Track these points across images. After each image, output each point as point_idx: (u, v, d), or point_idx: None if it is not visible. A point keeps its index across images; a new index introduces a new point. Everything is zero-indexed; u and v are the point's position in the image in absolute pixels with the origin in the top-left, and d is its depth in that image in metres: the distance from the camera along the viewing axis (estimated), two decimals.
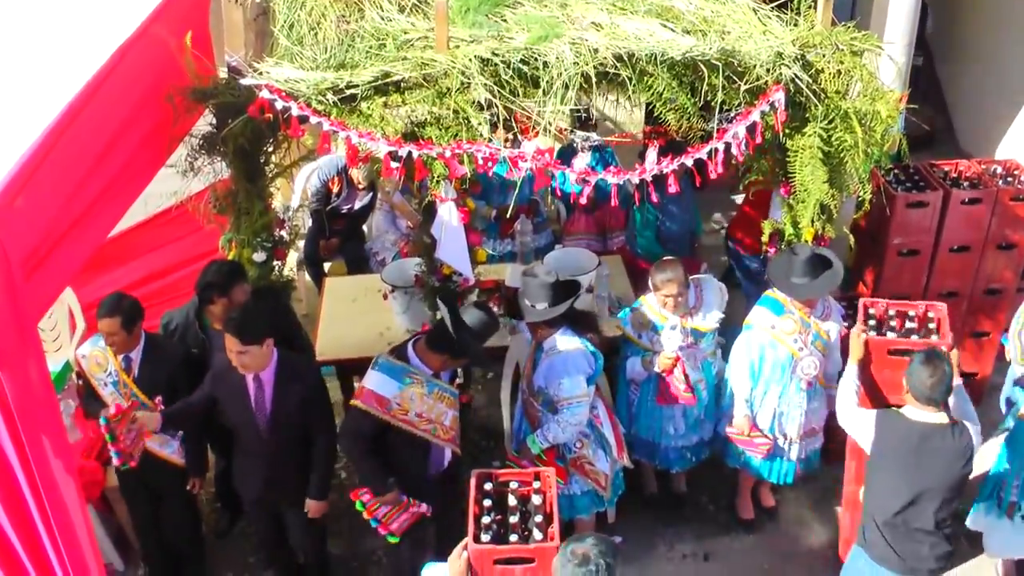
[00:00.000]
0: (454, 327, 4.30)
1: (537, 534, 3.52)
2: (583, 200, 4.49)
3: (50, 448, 3.21)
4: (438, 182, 4.44)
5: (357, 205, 6.90)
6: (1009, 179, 5.70)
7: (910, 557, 4.11)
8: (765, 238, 5.14)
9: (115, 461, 4.43)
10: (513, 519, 3.55)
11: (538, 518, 3.58)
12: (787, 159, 4.68)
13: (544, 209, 6.85)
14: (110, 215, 4.03)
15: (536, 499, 3.64)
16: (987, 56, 8.48)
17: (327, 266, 7.03)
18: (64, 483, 3.33)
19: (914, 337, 4.55)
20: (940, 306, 4.72)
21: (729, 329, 5.20)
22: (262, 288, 4.92)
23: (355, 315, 5.78)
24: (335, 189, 6.76)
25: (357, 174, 6.68)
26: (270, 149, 4.70)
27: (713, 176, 4.51)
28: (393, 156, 4.28)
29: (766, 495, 5.61)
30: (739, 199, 7.15)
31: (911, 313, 4.68)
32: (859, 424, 4.23)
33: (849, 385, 4.41)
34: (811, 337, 4.88)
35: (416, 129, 4.33)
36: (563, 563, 3.09)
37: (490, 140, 4.33)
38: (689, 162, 4.49)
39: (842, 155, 4.60)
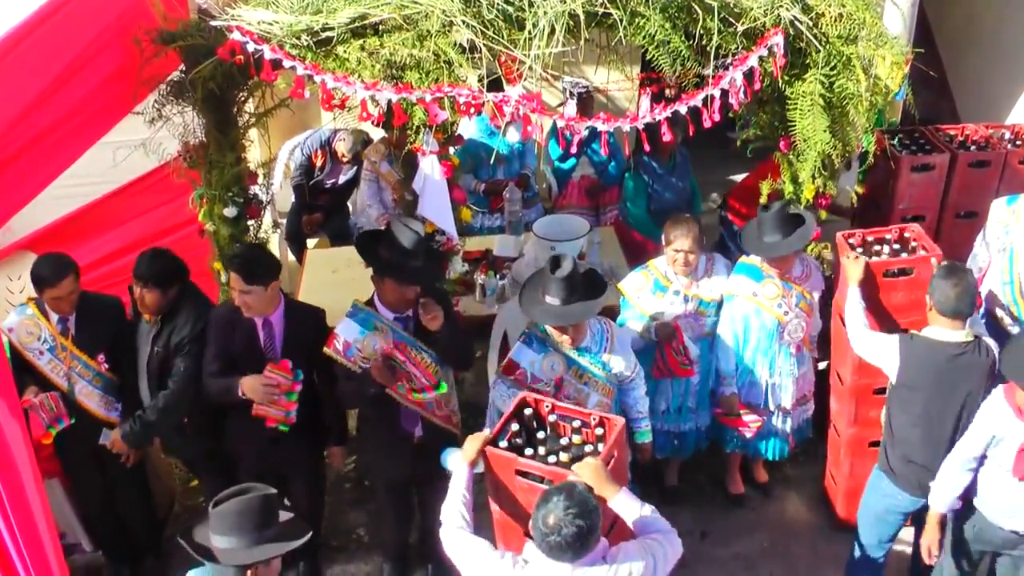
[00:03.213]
0: (384, 246, 4.06)
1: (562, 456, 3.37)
2: (573, 149, 4.26)
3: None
4: (418, 132, 4.23)
5: (341, 180, 6.69)
6: (1018, 142, 5.48)
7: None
8: (763, 199, 4.92)
9: (291, 420, 4.26)
10: (548, 447, 3.41)
11: (565, 455, 3.38)
12: (787, 108, 4.46)
13: (535, 184, 6.62)
14: (65, 153, 3.82)
15: (576, 438, 3.45)
16: (989, 37, 8.28)
17: (311, 243, 6.80)
18: (17, 449, 3.16)
19: (904, 255, 4.48)
20: (913, 226, 4.66)
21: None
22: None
23: (336, 286, 5.52)
24: (318, 163, 6.55)
25: (341, 147, 6.48)
26: (243, 97, 4.47)
27: (708, 124, 4.29)
28: (371, 101, 4.08)
29: (759, 471, 5.38)
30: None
31: (887, 236, 4.61)
32: (880, 350, 4.11)
33: (857, 311, 4.27)
34: (795, 299, 4.67)
35: (395, 73, 4.12)
36: (537, 536, 2.92)
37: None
38: (683, 109, 4.27)
39: (844, 104, 4.40)
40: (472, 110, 4.18)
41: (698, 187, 6.47)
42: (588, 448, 3.42)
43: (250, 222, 4.73)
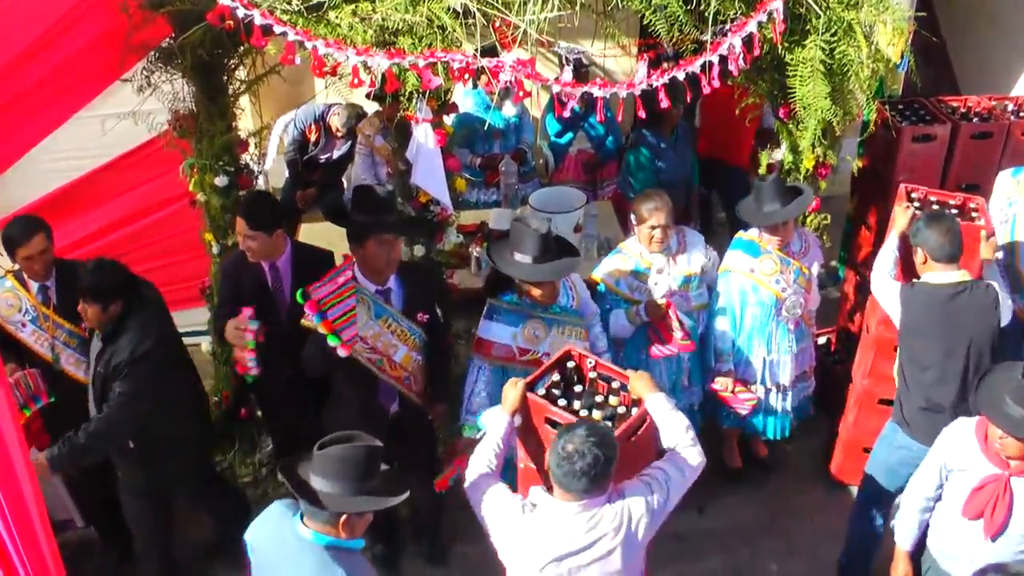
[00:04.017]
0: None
1: (595, 414, 3.33)
2: (566, 113, 4.17)
3: None
4: (411, 100, 4.15)
5: (335, 154, 6.60)
6: (1021, 114, 5.40)
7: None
8: (762, 170, 4.85)
9: (255, 370, 4.27)
10: (584, 402, 3.38)
11: (598, 413, 3.34)
12: (786, 76, 4.37)
13: (532, 159, 6.55)
14: (49, 116, 3.75)
15: (613, 399, 3.40)
16: (991, 12, 8.18)
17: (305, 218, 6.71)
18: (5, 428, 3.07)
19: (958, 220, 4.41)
20: (978, 199, 4.61)
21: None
22: None
23: None
24: (312, 137, 6.47)
25: (335, 121, 6.40)
26: (233, 64, 4.39)
27: (707, 91, 4.20)
28: (363, 67, 4.00)
29: (759, 446, 5.33)
30: None
31: (951, 202, 4.58)
32: (889, 296, 4.16)
33: (888, 255, 4.32)
34: (792, 275, 4.60)
35: (388, 38, 4.04)
36: (555, 462, 2.92)
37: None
38: (681, 75, 4.19)
39: (845, 70, 4.30)
40: (466, 76, 4.11)
41: (697, 164, 6.40)
42: (622, 410, 3.37)
43: (241, 192, 4.66)
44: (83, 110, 5.15)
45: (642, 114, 4.19)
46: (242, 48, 4.31)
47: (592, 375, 3.51)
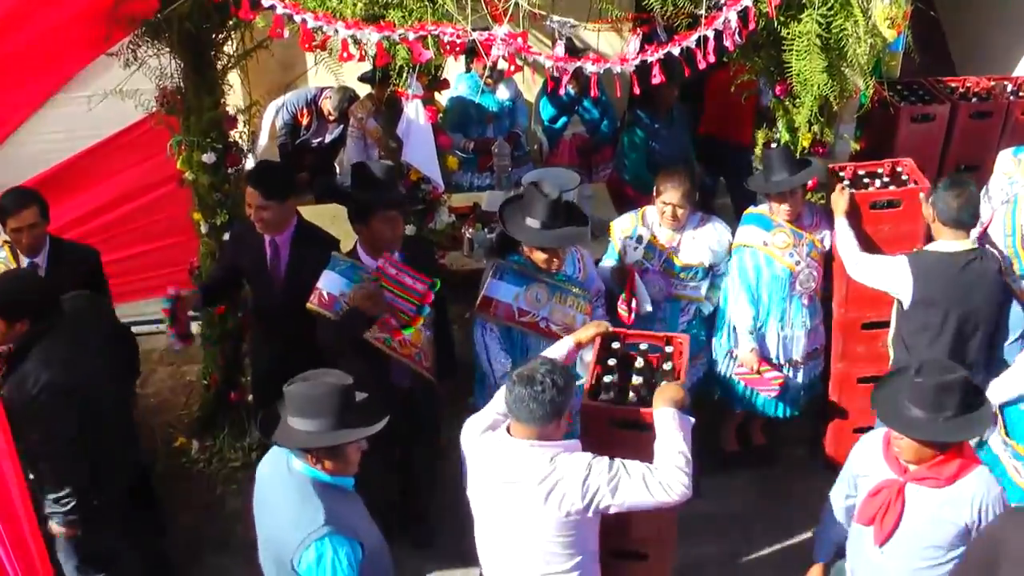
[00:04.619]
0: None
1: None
2: (561, 90, 4.12)
3: None
4: (401, 75, 4.09)
5: (327, 138, 6.58)
6: (1021, 94, 5.35)
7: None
8: (759, 149, 4.79)
9: (176, 345, 4.34)
10: (637, 380, 3.33)
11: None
12: (782, 51, 4.30)
13: (526, 143, 6.49)
14: (34, 86, 3.68)
15: (666, 366, 3.40)
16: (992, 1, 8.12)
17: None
18: None
19: (892, 188, 4.47)
20: (906, 160, 4.63)
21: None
22: None
23: None
24: (304, 122, 6.41)
25: (327, 105, 6.35)
26: (220, 37, 4.32)
27: (703, 66, 4.14)
28: (352, 41, 3.94)
29: (756, 432, 5.25)
30: None
31: (879, 171, 4.59)
32: (886, 272, 4.11)
33: (850, 240, 4.31)
34: (806, 248, 4.54)
35: (378, 11, 3.98)
36: (508, 388, 2.99)
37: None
38: (676, 51, 4.12)
39: (842, 45, 4.23)
40: (457, 50, 4.05)
41: (694, 145, 6.33)
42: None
43: (230, 170, 4.60)
44: (70, 91, 5.16)
45: (637, 91, 4.14)
46: (230, 22, 4.25)
47: (643, 346, 3.51)
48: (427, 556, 4.62)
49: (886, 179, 4.54)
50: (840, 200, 4.40)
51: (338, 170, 6.68)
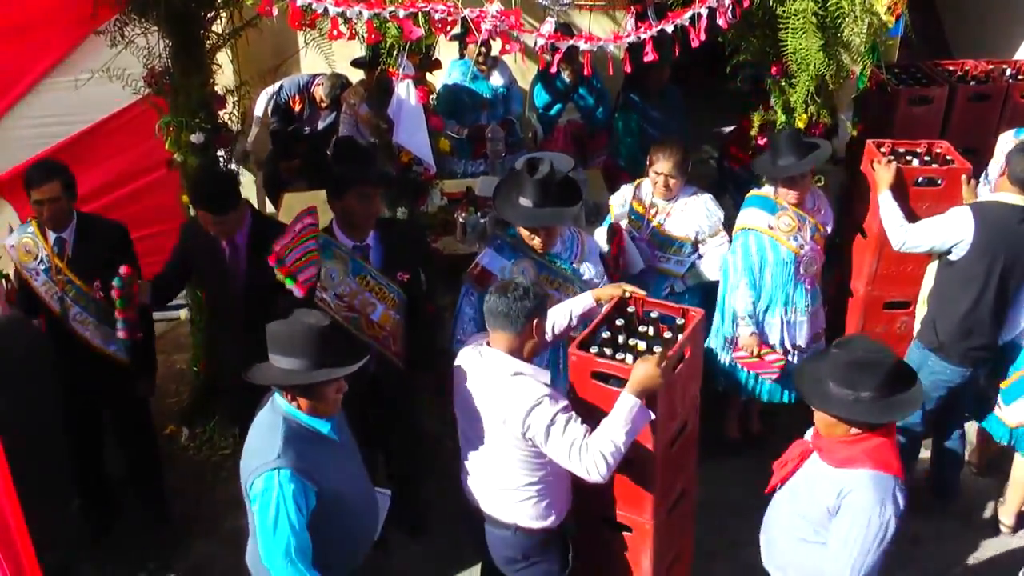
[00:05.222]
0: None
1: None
2: (552, 69, 4.06)
3: None
4: (391, 53, 4.04)
5: (320, 125, 6.49)
6: (1019, 76, 5.28)
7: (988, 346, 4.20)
8: (755, 131, 4.73)
9: (121, 334, 4.11)
10: (635, 343, 3.33)
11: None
12: (778, 27, 4.25)
13: (520, 131, 6.43)
14: (18, 68, 3.61)
15: (668, 335, 3.38)
16: None
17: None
18: None
19: (934, 166, 4.49)
20: (943, 142, 4.63)
21: None
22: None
23: None
24: (297, 108, 6.35)
25: (320, 92, 6.28)
26: (209, 16, 4.26)
27: (696, 44, 4.09)
28: (342, 18, 3.89)
29: (755, 421, 5.19)
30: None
31: (917, 150, 4.61)
32: (944, 228, 4.12)
33: (895, 209, 4.32)
34: (809, 231, 4.49)
35: None
36: (486, 300, 3.15)
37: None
38: (669, 28, 4.08)
39: (838, 22, 4.19)
40: (448, 28, 4.00)
41: (688, 130, 6.28)
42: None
43: (220, 152, 4.54)
44: (57, 75, 5.10)
45: (628, 68, 4.10)
46: (219, 0, 4.19)
47: (654, 314, 3.48)
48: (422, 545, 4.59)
49: (926, 158, 4.56)
50: (885, 173, 4.41)
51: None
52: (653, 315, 3.44)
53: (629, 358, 3.23)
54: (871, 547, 2.90)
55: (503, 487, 3.30)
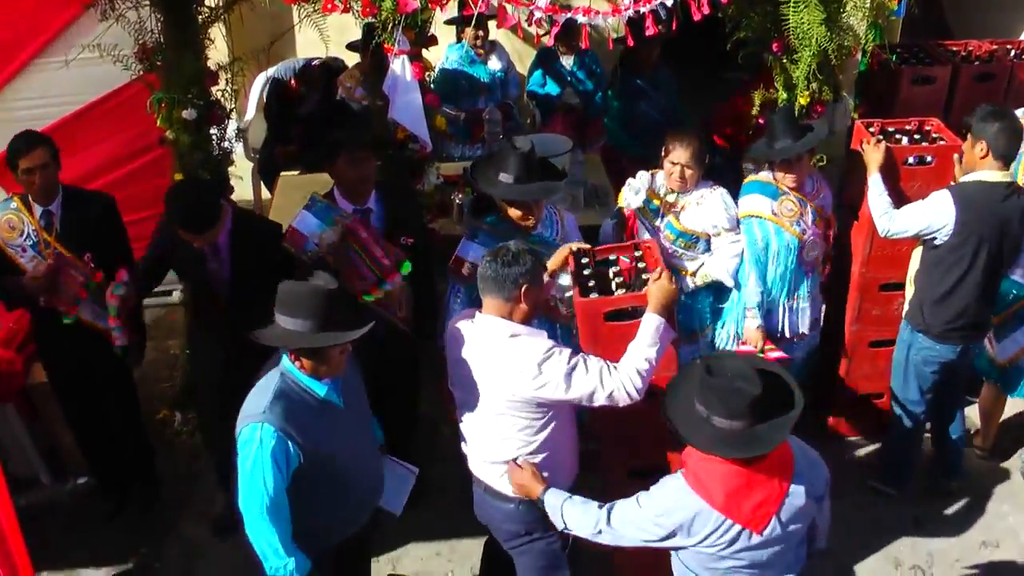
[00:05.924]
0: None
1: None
2: (549, 41, 3.99)
3: None
4: (386, 28, 3.98)
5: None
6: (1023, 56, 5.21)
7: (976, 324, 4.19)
8: (755, 109, 4.66)
9: (117, 341, 4.07)
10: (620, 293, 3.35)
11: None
12: (780, 2, 4.17)
13: (518, 115, 6.35)
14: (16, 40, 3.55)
15: (644, 276, 3.37)
16: None
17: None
18: None
19: (924, 144, 4.40)
20: (932, 120, 4.53)
21: None
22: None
23: None
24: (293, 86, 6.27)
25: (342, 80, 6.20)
26: None
27: (697, 17, 4.01)
28: None
29: None
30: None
31: (907, 128, 4.50)
32: (926, 212, 4.05)
33: (883, 193, 4.22)
34: (810, 216, 4.39)
35: None
36: (480, 266, 3.14)
37: None
38: (670, 1, 4.01)
39: None
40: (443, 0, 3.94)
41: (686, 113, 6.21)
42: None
43: (212, 130, 4.46)
44: (49, 55, 5.03)
45: (631, 42, 4.03)
46: None
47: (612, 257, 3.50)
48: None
49: (916, 136, 4.46)
50: (875, 154, 4.28)
51: None
52: (612, 258, 3.48)
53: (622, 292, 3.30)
54: None
55: (505, 459, 3.25)
